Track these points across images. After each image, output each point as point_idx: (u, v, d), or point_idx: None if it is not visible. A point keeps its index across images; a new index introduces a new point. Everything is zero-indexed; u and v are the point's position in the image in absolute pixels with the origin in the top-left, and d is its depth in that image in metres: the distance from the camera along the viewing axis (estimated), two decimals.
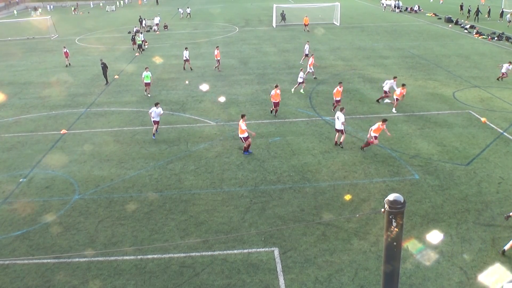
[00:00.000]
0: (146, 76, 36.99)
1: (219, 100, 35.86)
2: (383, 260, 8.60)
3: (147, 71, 37.20)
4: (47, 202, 21.56)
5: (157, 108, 27.96)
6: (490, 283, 15.35)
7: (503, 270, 15.99)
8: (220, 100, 35.71)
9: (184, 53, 46.02)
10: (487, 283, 15.38)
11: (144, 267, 16.78)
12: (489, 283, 15.37)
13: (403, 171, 23.35)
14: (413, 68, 44.49)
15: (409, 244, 17.51)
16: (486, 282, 15.43)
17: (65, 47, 51.81)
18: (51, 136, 29.74)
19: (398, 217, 8.07)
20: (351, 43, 58.61)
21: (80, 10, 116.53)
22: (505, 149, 25.68)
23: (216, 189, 22.18)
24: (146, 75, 36.99)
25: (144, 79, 37.13)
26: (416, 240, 17.77)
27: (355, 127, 29.33)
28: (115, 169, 24.68)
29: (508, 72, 38.33)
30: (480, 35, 61.62)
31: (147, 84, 37.40)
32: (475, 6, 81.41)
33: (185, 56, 46.01)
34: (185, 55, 46.01)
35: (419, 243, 17.56)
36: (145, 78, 37.05)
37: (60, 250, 17.91)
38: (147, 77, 37.02)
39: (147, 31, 74.11)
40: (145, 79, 37.05)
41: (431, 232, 18.18)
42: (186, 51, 46.16)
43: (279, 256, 17.12)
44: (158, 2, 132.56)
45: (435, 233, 18.13)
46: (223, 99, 35.94)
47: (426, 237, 17.92)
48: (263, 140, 27.71)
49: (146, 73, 37.05)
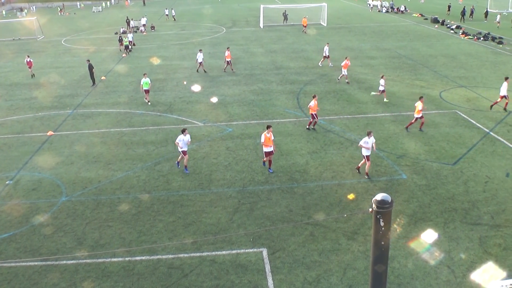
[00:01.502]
0: (145, 83, 34.86)
1: (211, 100, 35.77)
2: (371, 259, 8.63)
3: (146, 78, 34.95)
4: (34, 204, 21.40)
5: (185, 136, 23.61)
6: (477, 282, 15.46)
7: (491, 268, 16.11)
8: (212, 101, 35.62)
9: (198, 55, 44.53)
10: (474, 281, 15.49)
11: (132, 269, 16.71)
12: (476, 281, 15.48)
13: (390, 171, 23.46)
14: (400, 68, 44.71)
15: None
16: (474, 280, 15.54)
17: (28, 56, 46.98)
18: (38, 137, 29.54)
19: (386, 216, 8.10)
20: (338, 44, 58.76)
21: (67, 11, 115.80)
22: (491, 148, 25.88)
23: (204, 190, 22.14)
24: (145, 81, 34.82)
25: (142, 86, 35.03)
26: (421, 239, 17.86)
27: (343, 127, 29.41)
28: (103, 171, 24.55)
29: None
30: (466, 35, 62.05)
31: (147, 91, 35.38)
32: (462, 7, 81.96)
33: (199, 59, 44.48)
34: (199, 58, 44.45)
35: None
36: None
37: (48, 253, 17.79)
38: (146, 84, 34.90)
39: (134, 31, 73.81)
40: (144, 86, 34.95)
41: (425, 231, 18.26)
42: (200, 53, 44.64)
43: (268, 256, 17.13)
44: (144, 2, 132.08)
45: (429, 232, 18.21)
46: (215, 100, 35.85)
47: (420, 236, 18.02)
48: (251, 141, 27.70)
49: (145, 79, 34.84)
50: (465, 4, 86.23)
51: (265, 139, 22.96)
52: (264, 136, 23.01)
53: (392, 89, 37.36)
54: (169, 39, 66.58)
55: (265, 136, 22.96)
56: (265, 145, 23.07)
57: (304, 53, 53.05)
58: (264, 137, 22.99)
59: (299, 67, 46.31)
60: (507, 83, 30.13)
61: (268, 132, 23.06)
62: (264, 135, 23.02)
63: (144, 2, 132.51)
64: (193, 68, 46.94)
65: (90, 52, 58.16)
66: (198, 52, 45.44)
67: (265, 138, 22.96)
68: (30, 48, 63.57)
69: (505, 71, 42.71)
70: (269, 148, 23.19)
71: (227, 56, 45.00)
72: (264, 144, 23.09)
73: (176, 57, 53.53)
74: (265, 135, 22.98)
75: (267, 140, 23.02)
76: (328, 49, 45.81)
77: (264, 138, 22.97)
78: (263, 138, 23.02)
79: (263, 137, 23.02)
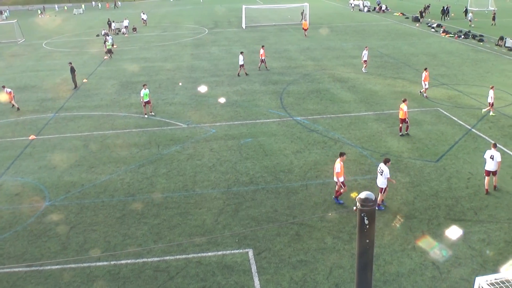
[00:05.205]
0: (146, 94, 32.37)
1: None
2: (356, 257, 8.67)
3: (146, 89, 32.48)
4: (17, 209, 21.18)
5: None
6: (462, 277, 15.59)
7: (475, 264, 16.26)
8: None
9: (240, 58, 43.20)
10: (459, 277, 15.62)
11: (118, 273, 16.61)
12: (461, 277, 15.61)
13: (374, 169, 23.55)
14: (382, 67, 44.97)
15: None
16: (459, 276, 15.67)
17: (4, 86, 37.17)
18: (20, 142, 29.23)
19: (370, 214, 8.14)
20: (320, 43, 58.96)
21: (47, 14, 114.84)
22: (473, 145, 26.13)
23: (189, 192, 22.08)
24: (145, 93, 32.30)
25: (143, 98, 32.48)
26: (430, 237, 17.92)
27: (326, 126, 29.50)
28: (86, 174, 24.37)
29: None
30: (447, 33, 62.59)
31: (148, 103, 32.85)
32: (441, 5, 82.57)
33: (241, 61, 43.08)
34: (241, 60, 43.11)
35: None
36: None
37: (32, 258, 17.61)
38: (146, 96, 32.44)
39: (115, 34, 73.39)
40: (145, 97, 32.41)
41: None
42: (242, 55, 43.31)
43: (254, 257, 17.12)
44: (116, 5, 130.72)
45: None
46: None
47: (405, 233, 18.12)
48: (234, 142, 27.68)
49: (145, 90, 32.34)
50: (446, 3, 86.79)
51: (341, 168, 19.75)
52: (340, 165, 19.72)
53: (375, 88, 37.58)
54: (151, 41, 66.30)
55: (341, 165, 19.74)
56: (340, 174, 19.87)
57: (286, 53, 53.16)
58: (339, 166, 19.71)
59: (282, 67, 46.38)
60: (492, 90, 29.93)
61: (341, 160, 19.88)
62: (340, 164, 19.73)
63: (115, 4, 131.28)
64: (175, 70, 46.79)
65: (72, 54, 57.71)
66: (239, 55, 43.68)
67: (340, 167, 19.74)
68: (10, 52, 62.88)
69: (486, 68, 43.19)
70: (341, 178, 20.00)
71: (262, 55, 44.58)
72: (339, 174, 19.82)
73: (159, 58, 53.33)
74: (340, 164, 19.73)
75: (342, 170, 19.96)
76: (367, 53, 43.05)
77: (340, 168, 19.73)
78: (339, 167, 19.71)
79: (339, 166, 19.71)
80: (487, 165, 20.66)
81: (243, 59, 43.29)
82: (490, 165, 20.56)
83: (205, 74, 44.86)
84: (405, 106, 27.23)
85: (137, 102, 36.10)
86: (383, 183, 19.43)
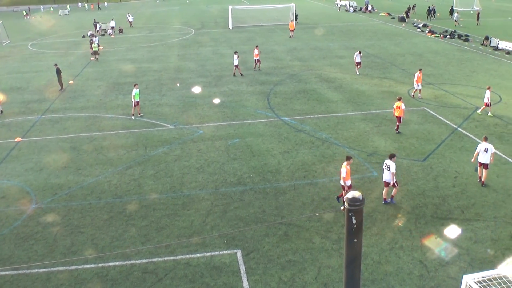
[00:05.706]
0: (137, 94, 32.07)
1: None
2: (344, 257, 8.69)
3: (137, 88, 32.21)
4: (3, 212, 21.00)
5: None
6: (449, 276, 15.69)
7: (462, 262, 16.38)
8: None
9: (234, 58, 43.07)
10: (447, 275, 15.72)
11: (106, 275, 16.53)
12: (448, 275, 15.71)
13: (361, 168, 23.67)
14: (369, 67, 45.15)
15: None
16: (446, 274, 15.77)
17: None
18: (5, 144, 28.99)
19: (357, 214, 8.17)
20: (307, 44, 59.09)
21: (33, 15, 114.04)
22: (459, 144, 26.31)
23: (177, 193, 22.02)
24: (136, 92, 31.98)
25: (134, 97, 32.11)
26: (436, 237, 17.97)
27: (314, 126, 29.57)
28: (73, 176, 24.23)
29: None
30: (433, 33, 63.00)
31: (138, 103, 32.63)
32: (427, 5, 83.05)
33: (235, 61, 42.96)
34: (235, 60, 42.96)
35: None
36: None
37: (19, 261, 17.47)
38: (137, 95, 32.19)
39: (101, 35, 73.01)
40: (136, 97, 32.11)
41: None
42: (236, 55, 43.12)
43: (242, 258, 17.12)
44: (99, 6, 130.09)
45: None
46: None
47: (393, 233, 18.19)
48: (222, 142, 27.66)
49: (136, 90, 32.04)
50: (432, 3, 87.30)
51: (347, 172, 19.51)
52: (346, 169, 19.42)
53: (362, 88, 37.74)
54: (137, 42, 66.05)
55: (347, 169, 19.47)
56: (347, 178, 19.66)
57: (273, 54, 53.20)
58: (346, 171, 19.44)
59: (269, 67, 46.40)
60: (489, 91, 30.09)
61: (348, 164, 19.56)
62: (346, 168, 19.42)
63: (99, 6, 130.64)
64: (162, 71, 46.66)
65: (58, 56, 57.34)
66: (233, 55, 43.65)
67: (347, 171, 19.49)
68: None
69: (472, 68, 43.54)
70: (348, 182, 19.79)
71: (256, 55, 44.53)
72: (345, 178, 19.55)
73: (145, 59, 53.13)
74: (346, 168, 19.44)
75: (349, 174, 19.74)
76: (359, 56, 42.64)
77: (346, 172, 19.46)
78: (345, 171, 19.45)
79: (345, 171, 19.44)
80: (480, 158, 21.25)
81: (238, 59, 43.21)
82: (484, 158, 21.15)
83: (192, 75, 44.77)
84: (402, 104, 27.37)
85: (123, 103, 35.94)
86: (390, 178, 19.77)
